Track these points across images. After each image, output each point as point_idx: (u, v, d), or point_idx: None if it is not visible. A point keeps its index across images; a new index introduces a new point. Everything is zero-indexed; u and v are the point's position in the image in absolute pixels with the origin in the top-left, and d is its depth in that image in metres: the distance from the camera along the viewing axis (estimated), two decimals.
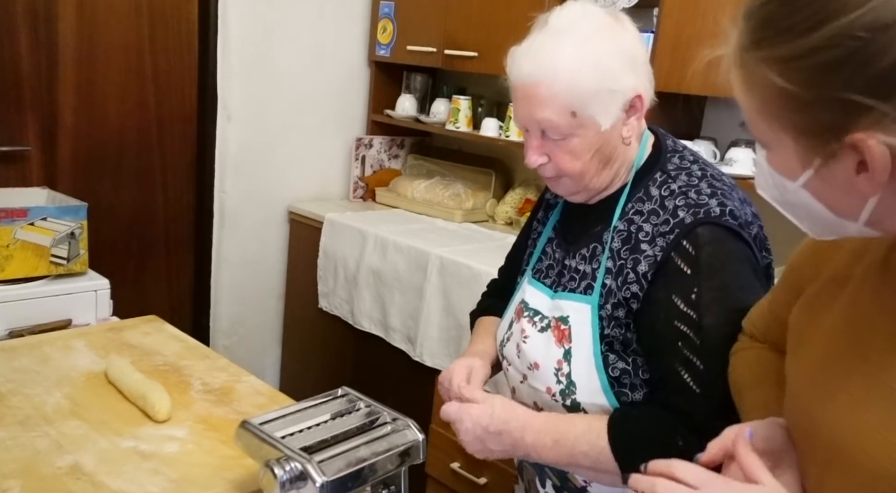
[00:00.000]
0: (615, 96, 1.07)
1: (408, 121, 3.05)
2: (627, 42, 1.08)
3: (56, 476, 1.08)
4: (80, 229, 1.85)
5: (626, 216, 1.13)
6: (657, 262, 1.06)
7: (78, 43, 2.53)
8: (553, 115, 1.07)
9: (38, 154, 2.52)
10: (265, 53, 2.86)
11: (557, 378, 1.14)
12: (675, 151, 1.17)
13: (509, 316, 1.29)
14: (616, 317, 1.10)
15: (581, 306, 1.13)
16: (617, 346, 1.11)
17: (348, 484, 0.96)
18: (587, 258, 1.16)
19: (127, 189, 2.75)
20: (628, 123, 1.11)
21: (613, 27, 1.08)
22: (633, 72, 1.08)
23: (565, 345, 1.14)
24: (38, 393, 1.32)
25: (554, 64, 1.05)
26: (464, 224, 2.84)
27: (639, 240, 1.09)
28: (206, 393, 1.39)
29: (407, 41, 2.94)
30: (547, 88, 1.05)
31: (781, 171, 0.69)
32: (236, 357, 1.72)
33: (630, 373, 1.10)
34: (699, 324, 1.03)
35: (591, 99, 1.06)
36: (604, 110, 1.07)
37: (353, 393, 1.15)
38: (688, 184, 1.10)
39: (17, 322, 1.71)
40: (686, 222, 1.05)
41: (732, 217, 1.05)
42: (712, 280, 1.03)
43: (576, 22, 1.07)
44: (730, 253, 1.05)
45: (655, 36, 2.17)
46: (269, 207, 3.03)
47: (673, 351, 1.04)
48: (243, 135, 2.89)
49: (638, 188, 1.14)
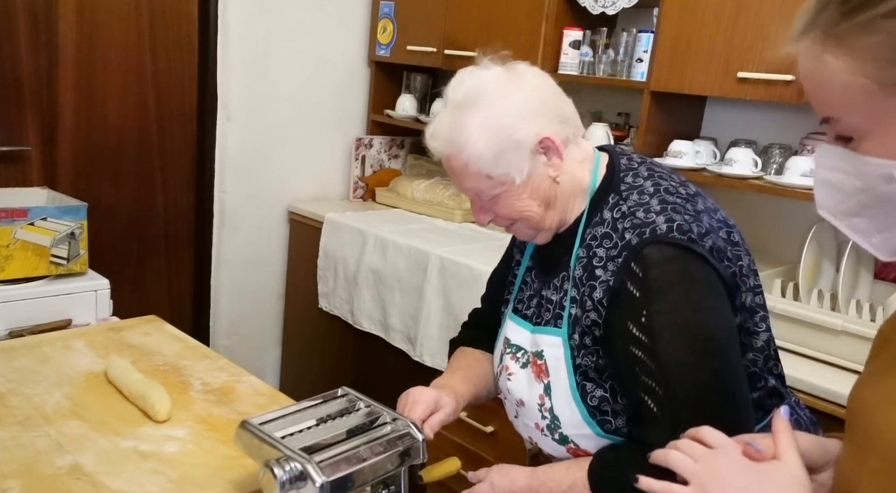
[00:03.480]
0: (519, 149, 1.09)
1: (408, 121, 3.05)
2: (522, 96, 1.10)
3: (56, 476, 1.08)
4: (80, 229, 1.85)
5: (585, 242, 1.13)
6: (610, 287, 1.06)
7: (78, 43, 2.53)
8: (472, 182, 1.13)
9: (38, 154, 2.52)
10: (265, 53, 2.86)
11: (542, 414, 1.15)
12: (629, 170, 1.16)
13: (499, 349, 1.29)
14: (585, 345, 1.10)
15: (553, 339, 1.14)
16: (592, 374, 1.10)
17: (348, 484, 0.96)
18: (557, 287, 1.17)
19: (127, 189, 2.75)
20: (551, 163, 1.12)
21: (507, 85, 1.11)
22: (532, 119, 1.10)
23: (544, 380, 1.14)
24: (38, 393, 1.32)
25: (456, 138, 1.10)
26: (464, 224, 2.84)
27: (594, 266, 1.09)
28: (206, 393, 1.39)
29: (407, 41, 2.95)
30: (457, 160, 1.11)
31: (890, 154, 0.63)
32: (236, 357, 1.72)
33: (609, 400, 1.09)
34: (653, 349, 1.00)
35: (498, 159, 1.09)
36: (513, 165, 1.10)
37: (353, 393, 1.15)
38: (638, 203, 1.09)
39: (17, 322, 1.71)
40: (633, 244, 1.04)
41: (680, 232, 1.03)
42: (661, 303, 1.01)
43: (469, 93, 1.11)
44: (679, 272, 1.02)
45: (655, 36, 2.17)
46: (269, 207, 3.03)
47: (633, 378, 1.03)
48: (243, 135, 2.89)
49: (594, 213, 1.14)
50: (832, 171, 0.68)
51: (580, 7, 2.42)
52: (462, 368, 1.34)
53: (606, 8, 2.36)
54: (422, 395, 1.20)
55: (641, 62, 2.27)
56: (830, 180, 0.69)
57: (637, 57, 2.29)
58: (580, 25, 2.42)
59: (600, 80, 2.42)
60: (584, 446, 1.13)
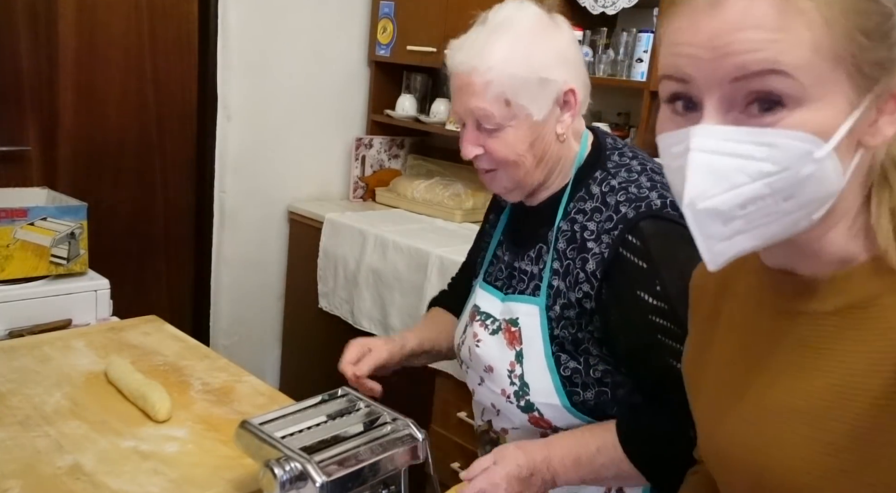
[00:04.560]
0: (547, 86, 1.08)
1: (408, 121, 3.05)
2: (561, 41, 1.11)
3: (56, 476, 1.08)
4: (80, 229, 1.85)
5: (568, 216, 1.14)
6: (605, 259, 1.07)
7: (78, 43, 2.53)
8: (486, 103, 1.08)
9: (38, 154, 2.52)
10: (265, 53, 2.86)
11: (511, 380, 1.16)
12: (615, 149, 1.17)
13: (464, 320, 1.30)
14: (566, 317, 1.11)
15: (530, 308, 1.14)
16: (568, 346, 1.11)
17: (348, 484, 0.96)
18: (534, 259, 1.17)
19: (127, 189, 2.75)
20: (562, 119, 1.12)
21: (548, 26, 1.11)
22: (565, 67, 1.10)
23: (517, 347, 1.15)
24: (38, 393, 1.32)
25: (487, 54, 1.07)
26: (464, 224, 2.84)
27: (584, 239, 1.10)
28: (206, 393, 1.39)
29: (407, 41, 2.94)
30: (480, 76, 1.07)
31: (815, 130, 0.58)
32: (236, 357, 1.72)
33: (581, 372, 1.11)
34: (675, 313, 1.02)
35: (523, 87, 1.07)
36: (536, 100, 1.08)
37: (353, 393, 1.15)
38: (627, 179, 1.11)
39: (17, 322, 1.71)
40: (629, 217, 1.06)
41: (673, 208, 1.05)
42: (671, 270, 1.02)
43: (512, 18, 1.10)
44: (677, 242, 1.02)
45: (655, 36, 2.17)
46: (269, 207, 3.03)
47: (659, 346, 1.04)
48: (243, 135, 2.89)
49: (579, 188, 1.14)
50: (725, 156, 0.59)
51: (580, 7, 2.42)
52: (423, 322, 1.41)
53: (606, 8, 2.36)
54: (351, 345, 1.28)
55: (641, 62, 2.27)
56: (719, 167, 0.59)
57: (637, 57, 2.29)
58: (580, 25, 2.42)
59: (600, 80, 2.42)
60: (548, 416, 1.14)
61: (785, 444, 0.66)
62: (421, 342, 1.36)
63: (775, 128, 0.58)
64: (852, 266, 0.65)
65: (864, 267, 0.64)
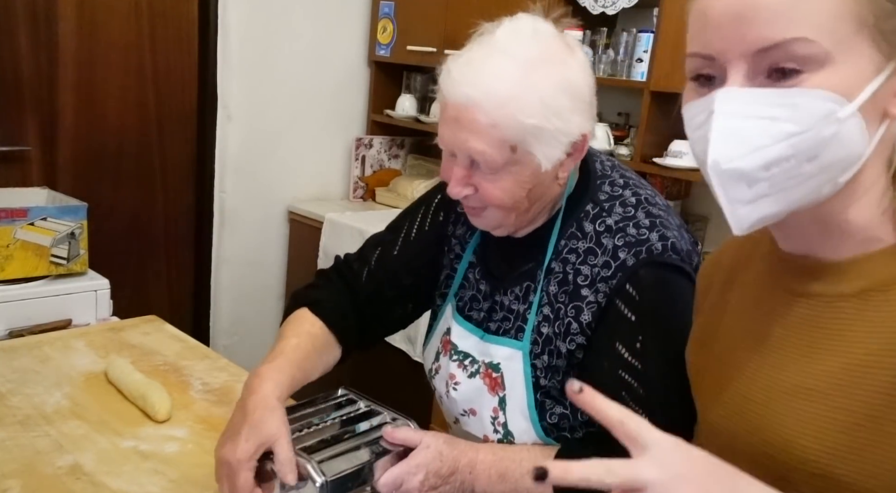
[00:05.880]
0: (560, 136, 0.95)
1: (408, 121, 3.05)
2: (576, 75, 0.96)
3: (56, 476, 1.08)
4: (80, 229, 1.85)
5: (560, 256, 1.04)
6: (600, 308, 1.00)
7: (78, 43, 2.53)
8: (488, 147, 0.94)
9: (38, 154, 2.52)
10: (265, 53, 2.86)
11: (495, 427, 1.10)
12: (605, 177, 1.07)
13: (434, 346, 1.20)
14: (554, 366, 1.04)
15: (512, 352, 1.07)
16: (554, 393, 1.04)
17: (348, 484, 0.96)
18: (520, 298, 1.08)
19: (127, 189, 2.75)
20: (564, 164, 1.00)
21: (563, 55, 0.96)
22: (580, 109, 0.96)
23: (499, 393, 1.08)
24: (38, 393, 1.32)
25: (496, 88, 0.92)
26: None
27: (578, 284, 1.01)
28: (206, 393, 1.39)
29: (407, 41, 2.94)
30: (485, 115, 0.92)
31: (837, 89, 0.58)
32: (236, 357, 1.71)
33: (569, 417, 1.04)
34: (645, 375, 0.96)
35: (534, 135, 0.93)
36: (546, 149, 0.95)
37: (353, 393, 1.15)
38: (623, 216, 1.01)
39: (17, 322, 1.71)
40: (628, 265, 0.98)
41: (675, 252, 0.98)
42: (657, 328, 0.97)
43: (525, 43, 0.95)
44: (672, 295, 0.98)
45: (655, 36, 2.17)
46: (268, 206, 3.03)
47: (619, 402, 0.99)
48: (243, 135, 2.89)
49: (569, 222, 1.04)
50: (748, 118, 0.60)
51: (580, 7, 2.42)
52: (290, 352, 1.08)
53: (606, 8, 2.36)
54: (241, 447, 0.93)
55: (641, 62, 2.27)
56: (742, 130, 0.60)
57: (637, 57, 2.29)
58: (580, 25, 2.42)
59: (600, 80, 2.38)
60: None
61: (795, 423, 0.66)
62: (291, 388, 1.06)
63: (798, 88, 0.59)
64: (876, 249, 0.65)
65: (888, 250, 0.65)
